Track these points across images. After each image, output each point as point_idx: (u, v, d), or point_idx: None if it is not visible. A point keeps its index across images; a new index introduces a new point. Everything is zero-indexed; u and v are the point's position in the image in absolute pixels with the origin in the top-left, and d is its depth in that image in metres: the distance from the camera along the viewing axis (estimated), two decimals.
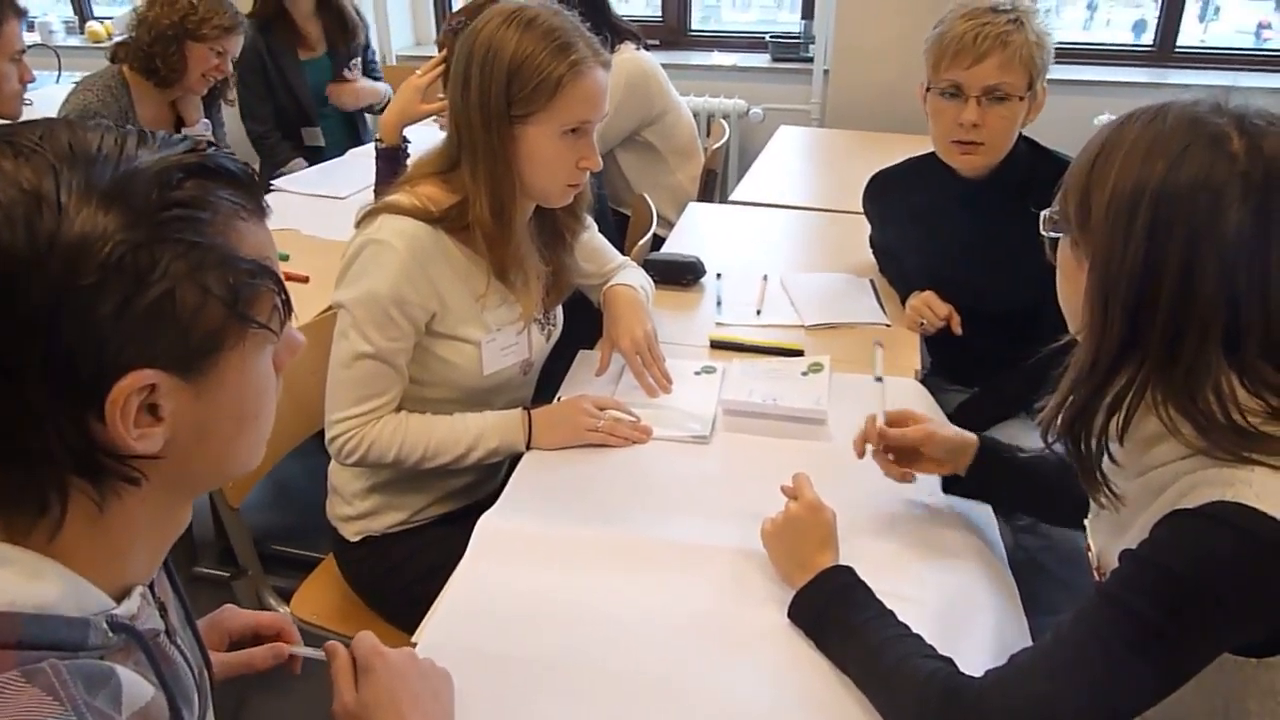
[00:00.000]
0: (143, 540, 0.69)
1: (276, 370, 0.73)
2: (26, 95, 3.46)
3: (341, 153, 3.13)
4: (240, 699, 1.77)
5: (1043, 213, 1.00)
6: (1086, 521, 1.12)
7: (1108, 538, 1.04)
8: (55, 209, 0.56)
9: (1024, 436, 1.76)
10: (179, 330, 0.61)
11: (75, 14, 4.72)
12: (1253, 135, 0.84)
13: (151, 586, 0.75)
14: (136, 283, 0.58)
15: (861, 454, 1.32)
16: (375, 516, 1.57)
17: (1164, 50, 3.73)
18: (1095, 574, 1.08)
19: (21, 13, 2.26)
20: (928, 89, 1.70)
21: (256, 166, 3.22)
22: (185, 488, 0.71)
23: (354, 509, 1.57)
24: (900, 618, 1.06)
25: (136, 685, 0.65)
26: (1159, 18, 3.70)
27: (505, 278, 1.46)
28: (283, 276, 0.69)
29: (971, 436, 1.30)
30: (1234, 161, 0.83)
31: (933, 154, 1.78)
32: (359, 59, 3.32)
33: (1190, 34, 3.74)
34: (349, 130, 3.36)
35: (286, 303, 0.69)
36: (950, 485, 1.32)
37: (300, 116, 3.22)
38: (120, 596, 0.68)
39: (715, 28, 4.29)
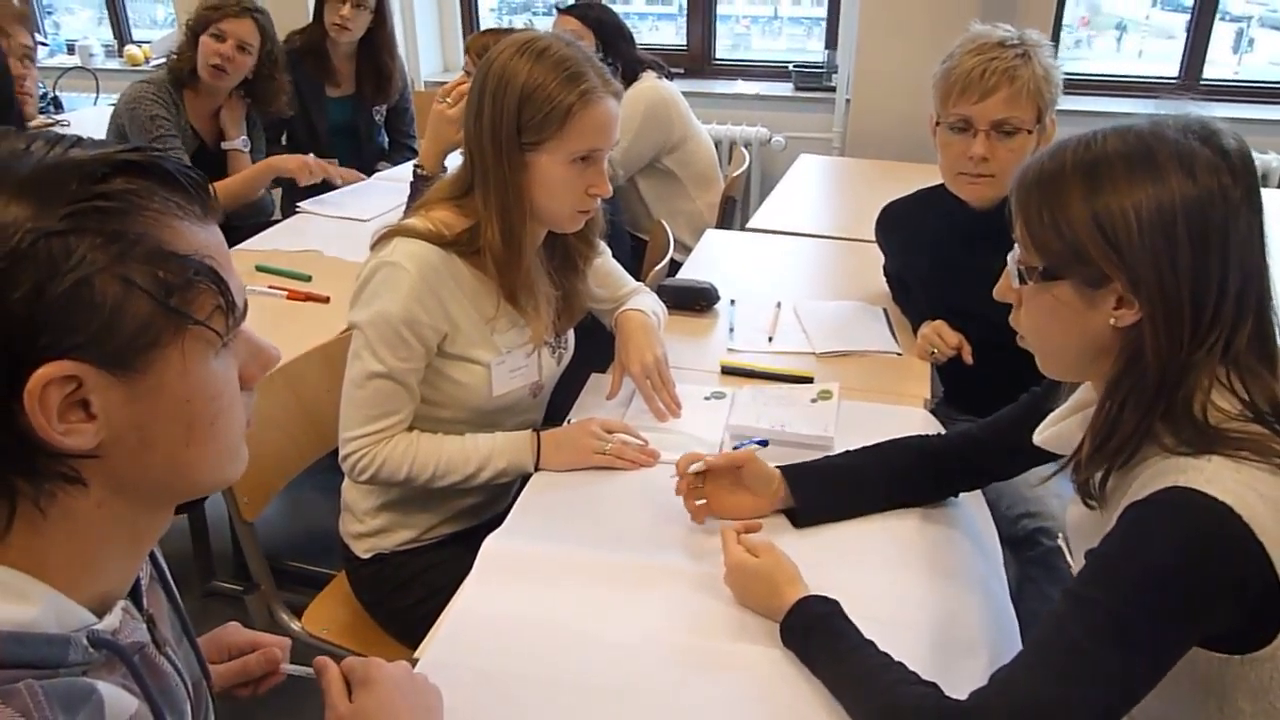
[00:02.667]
0: (113, 549, 0.69)
1: (246, 384, 0.72)
2: (64, 117, 3.58)
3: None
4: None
5: (1016, 267, 1.00)
6: (1062, 542, 1.17)
7: (1086, 539, 1.05)
8: None
9: (1036, 470, 1.75)
10: (101, 321, 0.60)
11: (115, 38, 4.85)
12: (1214, 142, 0.91)
13: (140, 600, 0.76)
14: (49, 270, 0.58)
15: (683, 476, 1.36)
16: (385, 534, 1.59)
17: (1189, 82, 3.73)
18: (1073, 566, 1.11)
19: (25, 19, 2.41)
20: (937, 122, 1.71)
21: None
22: (146, 495, 0.69)
23: (365, 526, 1.60)
24: (896, 642, 1.06)
25: (119, 700, 0.66)
26: (1185, 50, 3.70)
27: (515, 301, 1.48)
28: (225, 277, 0.67)
29: (775, 472, 1.36)
30: (1219, 170, 0.89)
31: (943, 185, 1.79)
32: (384, 107, 3.37)
33: (1225, 65, 3.73)
34: (361, 169, 3.41)
35: (232, 304, 0.68)
36: (795, 517, 1.36)
37: (314, 148, 3.28)
38: (101, 610, 0.69)
39: (741, 57, 4.33)
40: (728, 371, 1.80)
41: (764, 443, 1.43)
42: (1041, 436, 1.12)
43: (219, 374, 0.69)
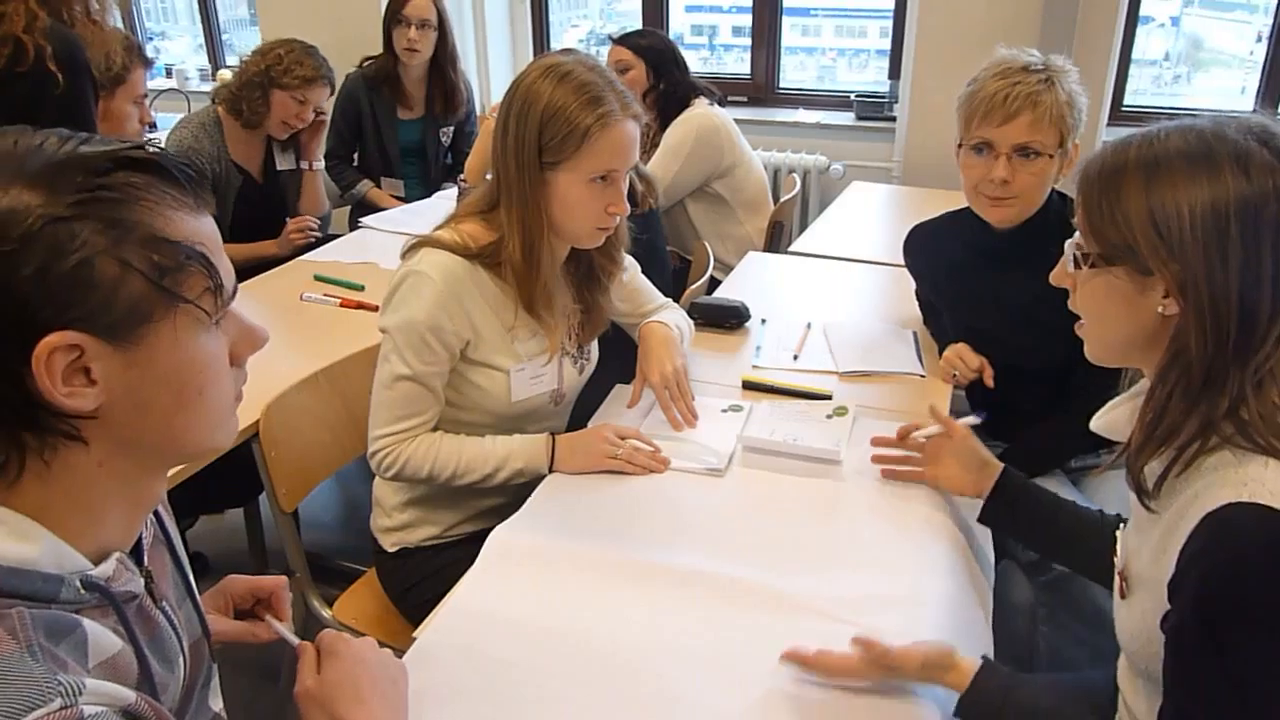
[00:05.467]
0: (114, 504, 0.77)
1: (236, 360, 0.80)
2: (156, 135, 3.81)
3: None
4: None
5: (1073, 252, 1.03)
6: (1118, 534, 1.15)
7: (1136, 534, 1.07)
8: None
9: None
10: (100, 297, 0.68)
11: (210, 62, 5.15)
12: (1274, 144, 0.92)
13: (140, 557, 0.84)
14: (55, 251, 0.66)
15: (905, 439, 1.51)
16: (411, 529, 1.67)
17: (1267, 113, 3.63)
18: (1120, 581, 1.08)
19: (149, 62, 2.55)
20: (959, 144, 1.73)
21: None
22: (142, 455, 0.76)
23: (393, 521, 1.68)
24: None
25: (104, 637, 0.74)
26: (1261, 81, 3.61)
27: (533, 312, 1.55)
28: (215, 262, 0.75)
29: (998, 462, 1.42)
30: (1275, 170, 0.91)
31: (968, 207, 1.81)
32: (452, 128, 3.53)
33: None
34: (428, 187, 3.55)
35: (221, 286, 0.76)
36: (984, 515, 1.42)
37: (385, 167, 3.46)
38: (99, 559, 0.76)
39: (808, 87, 4.37)
40: (748, 386, 1.84)
41: (986, 415, 1.54)
42: (1098, 423, 1.13)
43: (208, 349, 0.77)
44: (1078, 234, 1.03)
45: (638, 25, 4.17)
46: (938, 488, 1.49)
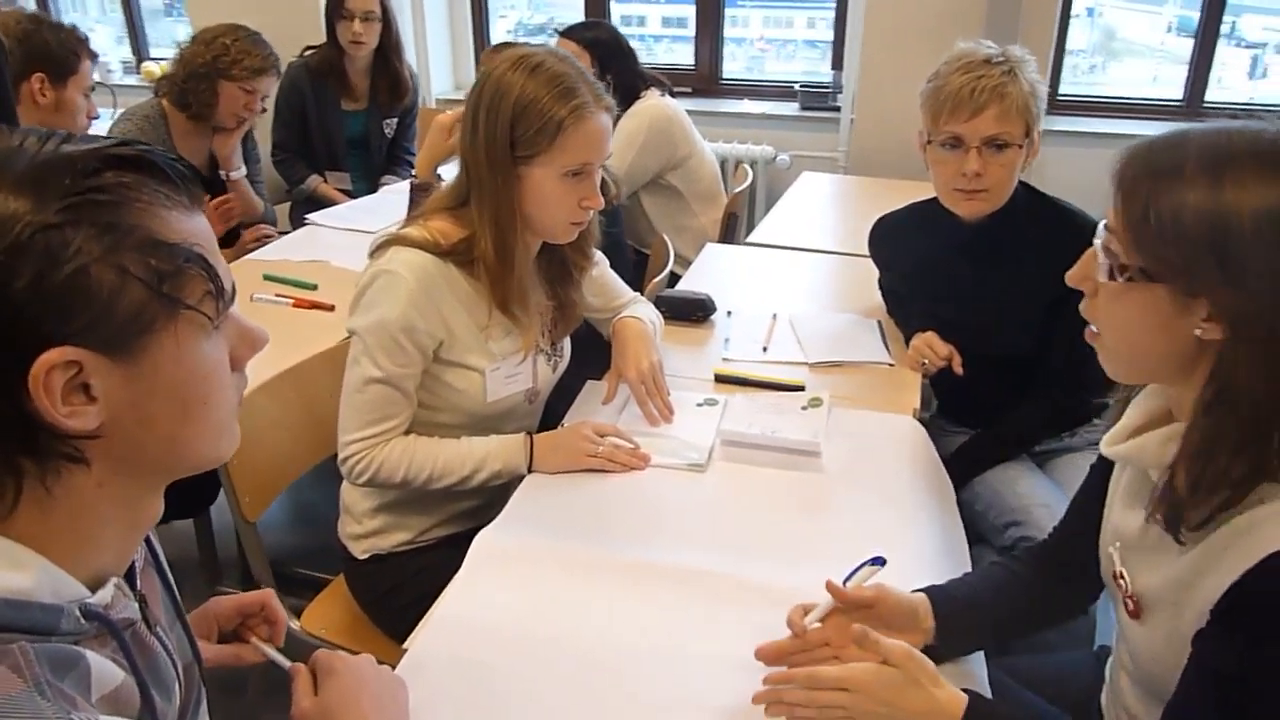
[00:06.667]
0: (111, 527, 0.72)
1: (236, 365, 0.76)
2: (91, 131, 3.67)
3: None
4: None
5: (1105, 260, 0.92)
6: (1112, 549, 1.09)
7: (1144, 555, 1.03)
8: None
9: (1023, 479, 1.78)
10: (99, 308, 0.64)
11: (133, 54, 4.95)
12: None
13: (133, 581, 0.79)
14: (49, 260, 0.61)
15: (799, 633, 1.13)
16: (383, 535, 1.63)
17: (1192, 106, 3.76)
18: (1128, 601, 1.05)
19: (94, 55, 2.45)
20: (928, 140, 1.75)
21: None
22: (143, 473, 0.73)
23: (363, 528, 1.63)
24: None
25: (106, 670, 0.69)
26: (1189, 73, 3.73)
27: (507, 310, 1.52)
28: (214, 263, 0.71)
29: (919, 598, 1.16)
30: None
31: (935, 199, 1.83)
32: (394, 121, 3.45)
33: (1239, 90, 3.77)
34: (371, 179, 3.47)
35: (221, 289, 0.71)
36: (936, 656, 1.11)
37: (329, 160, 3.37)
38: (95, 586, 0.72)
39: (749, 77, 4.39)
40: (721, 379, 1.83)
41: (881, 561, 1.17)
42: (1116, 450, 1.03)
43: (210, 356, 0.72)
44: (1107, 236, 0.92)
45: (573, 16, 4.13)
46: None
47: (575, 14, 4.23)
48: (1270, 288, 0.80)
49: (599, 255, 1.74)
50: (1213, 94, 3.74)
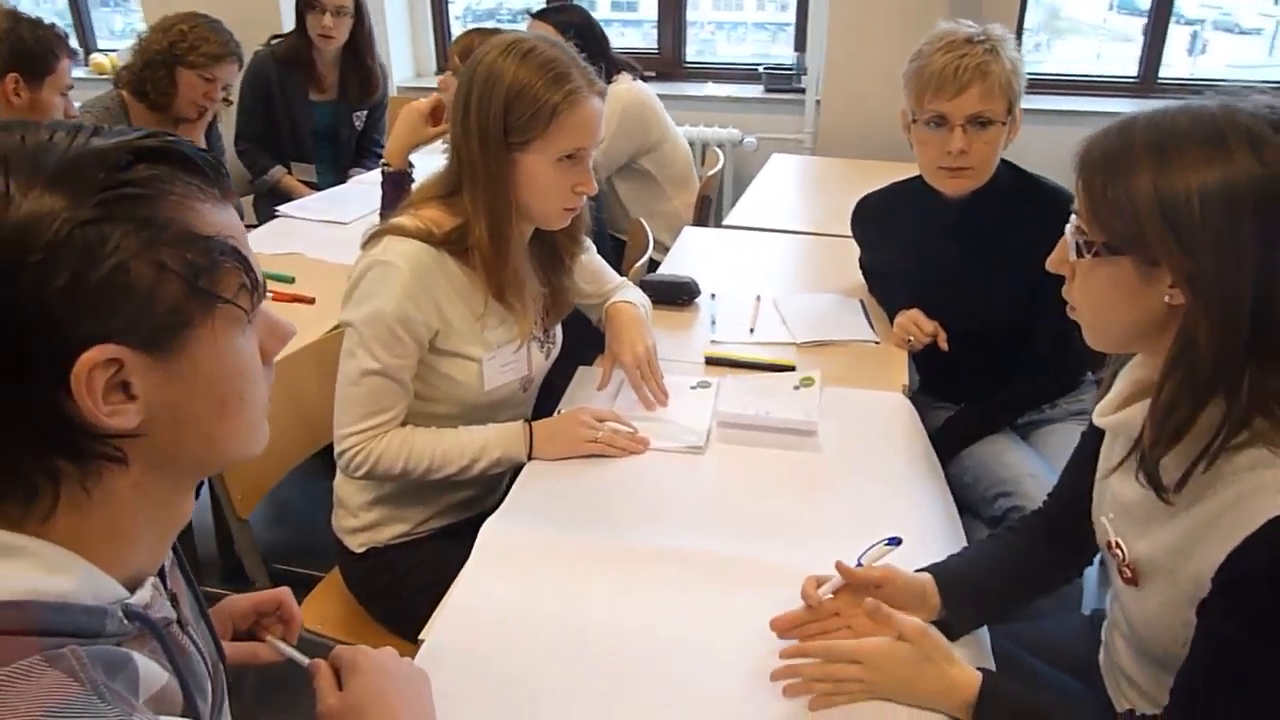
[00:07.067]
0: (147, 527, 0.71)
1: (265, 359, 0.75)
2: None
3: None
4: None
5: (1074, 240, 0.99)
6: (1105, 519, 1.13)
7: (1138, 523, 1.07)
8: (3, 197, 0.59)
9: (1010, 451, 1.81)
10: (138, 305, 0.63)
11: (80, 45, 4.81)
12: None
13: (164, 578, 0.78)
14: (87, 258, 0.60)
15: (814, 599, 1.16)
16: (379, 528, 1.61)
17: (1147, 82, 3.84)
18: (1125, 569, 1.08)
19: (73, 53, 2.40)
20: (913, 119, 1.76)
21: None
22: (179, 471, 0.72)
23: (359, 521, 1.62)
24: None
25: (152, 671, 0.68)
26: (1143, 50, 3.81)
27: (503, 298, 1.51)
28: (247, 256, 0.70)
29: (925, 577, 1.19)
30: None
31: (918, 178, 1.85)
32: (364, 113, 3.40)
33: (1180, 67, 3.85)
34: (338, 172, 3.42)
35: (256, 281, 0.70)
36: (948, 630, 1.16)
37: (296, 151, 3.31)
38: (133, 586, 0.71)
39: (710, 59, 4.39)
40: (712, 361, 1.84)
41: (897, 540, 1.19)
42: (1107, 420, 1.08)
43: (245, 350, 0.71)
44: (1075, 219, 1.00)
45: (522, 1, 4.08)
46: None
47: None
48: (1220, 253, 0.87)
49: (587, 241, 1.74)
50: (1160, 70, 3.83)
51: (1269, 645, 0.89)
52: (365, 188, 2.97)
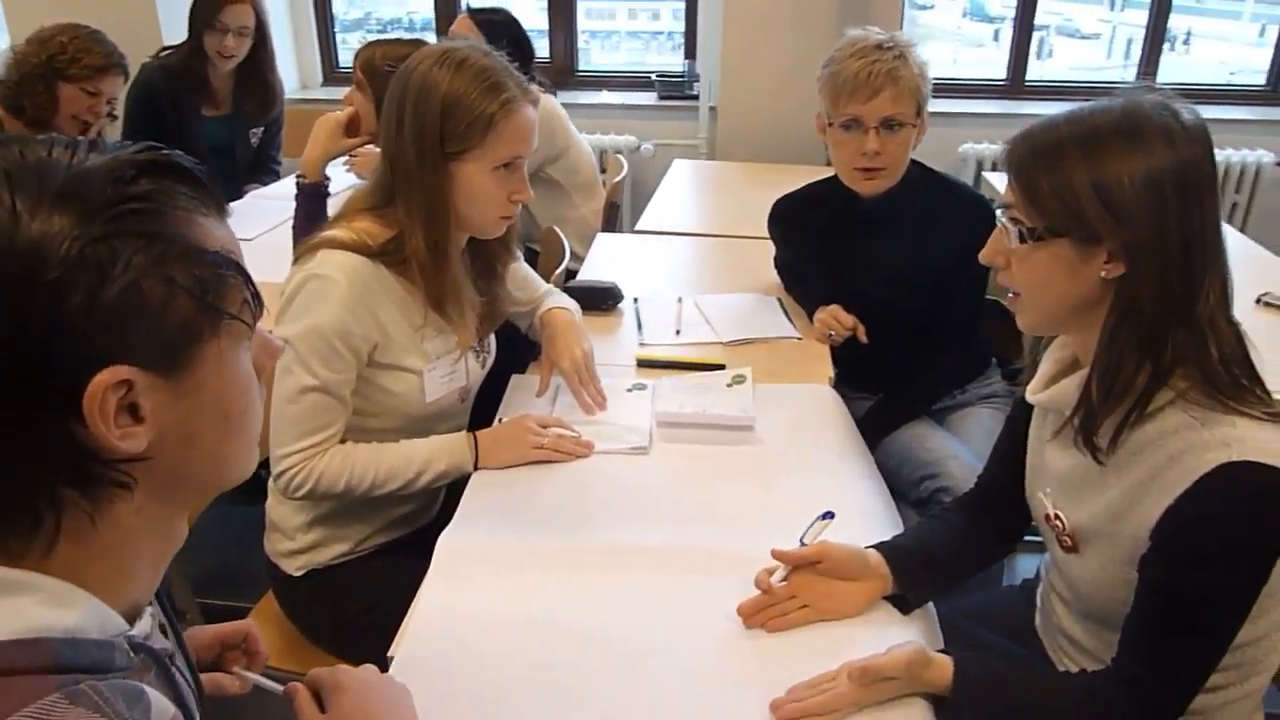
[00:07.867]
0: (146, 556, 0.69)
1: (258, 374, 0.74)
2: None
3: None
4: None
5: (1013, 229, 1.08)
6: (1042, 494, 1.22)
7: (1075, 493, 1.16)
8: (11, 215, 0.57)
9: (931, 436, 1.90)
10: (149, 323, 0.61)
11: None
12: (1181, 119, 1.02)
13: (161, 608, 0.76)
14: (100, 276, 0.59)
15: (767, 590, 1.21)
16: (319, 549, 1.57)
17: (1015, 85, 4.08)
18: (1065, 539, 1.17)
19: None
20: (829, 123, 1.84)
21: None
22: (182, 496, 0.70)
23: (296, 543, 1.57)
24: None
25: (162, 704, 0.66)
26: (1011, 54, 4.04)
27: (442, 309, 1.50)
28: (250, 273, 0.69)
29: (870, 551, 1.25)
30: (1192, 142, 1.01)
31: (833, 178, 1.92)
32: (260, 129, 3.30)
33: (1032, 70, 4.11)
34: (232, 189, 3.30)
35: (256, 296, 0.70)
36: (902, 605, 1.23)
37: None
38: (130, 618, 0.69)
39: (599, 67, 4.43)
40: (644, 364, 1.87)
41: (830, 514, 1.27)
42: (1039, 397, 1.18)
43: (246, 365, 0.71)
44: (1007, 212, 1.09)
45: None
46: (839, 615, 1.22)
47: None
48: (1152, 224, 1.00)
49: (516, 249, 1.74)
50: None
51: (1209, 579, 1.00)
52: (264, 202, 2.88)
